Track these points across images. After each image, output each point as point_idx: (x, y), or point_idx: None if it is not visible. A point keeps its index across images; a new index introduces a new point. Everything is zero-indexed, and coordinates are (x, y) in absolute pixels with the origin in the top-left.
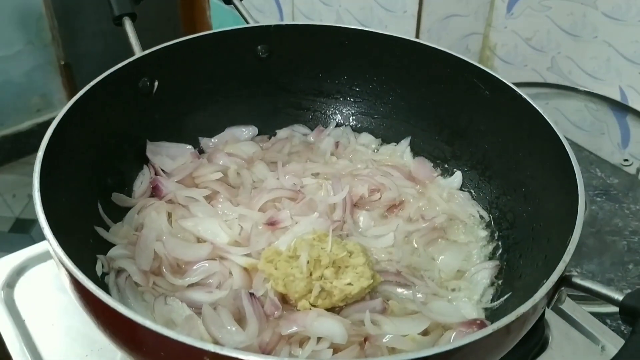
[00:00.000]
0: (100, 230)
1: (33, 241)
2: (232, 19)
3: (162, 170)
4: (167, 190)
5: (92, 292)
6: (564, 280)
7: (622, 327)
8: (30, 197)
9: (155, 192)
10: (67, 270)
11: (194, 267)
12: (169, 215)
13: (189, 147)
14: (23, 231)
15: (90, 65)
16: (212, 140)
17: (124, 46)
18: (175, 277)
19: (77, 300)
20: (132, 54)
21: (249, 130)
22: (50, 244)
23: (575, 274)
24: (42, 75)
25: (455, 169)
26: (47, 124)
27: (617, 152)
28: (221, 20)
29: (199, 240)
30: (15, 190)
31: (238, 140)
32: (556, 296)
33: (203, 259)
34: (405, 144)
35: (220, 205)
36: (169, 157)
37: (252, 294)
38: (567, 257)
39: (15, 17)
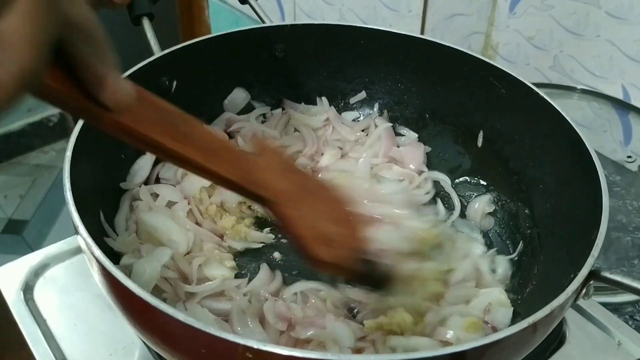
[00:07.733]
0: (109, 241)
1: (25, 242)
2: (231, 19)
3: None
4: None
5: (132, 291)
6: (593, 274)
7: (630, 322)
8: (21, 197)
9: None
10: (105, 269)
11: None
12: None
13: None
14: (15, 232)
15: None
16: None
17: (117, 45)
18: (185, 285)
19: (113, 299)
20: (132, 53)
21: None
22: (86, 242)
23: (603, 268)
24: None
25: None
26: (39, 123)
27: (619, 149)
28: (220, 19)
29: None
30: (6, 191)
31: None
32: (584, 290)
33: None
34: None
35: None
36: None
37: (271, 297)
38: (595, 251)
39: None
